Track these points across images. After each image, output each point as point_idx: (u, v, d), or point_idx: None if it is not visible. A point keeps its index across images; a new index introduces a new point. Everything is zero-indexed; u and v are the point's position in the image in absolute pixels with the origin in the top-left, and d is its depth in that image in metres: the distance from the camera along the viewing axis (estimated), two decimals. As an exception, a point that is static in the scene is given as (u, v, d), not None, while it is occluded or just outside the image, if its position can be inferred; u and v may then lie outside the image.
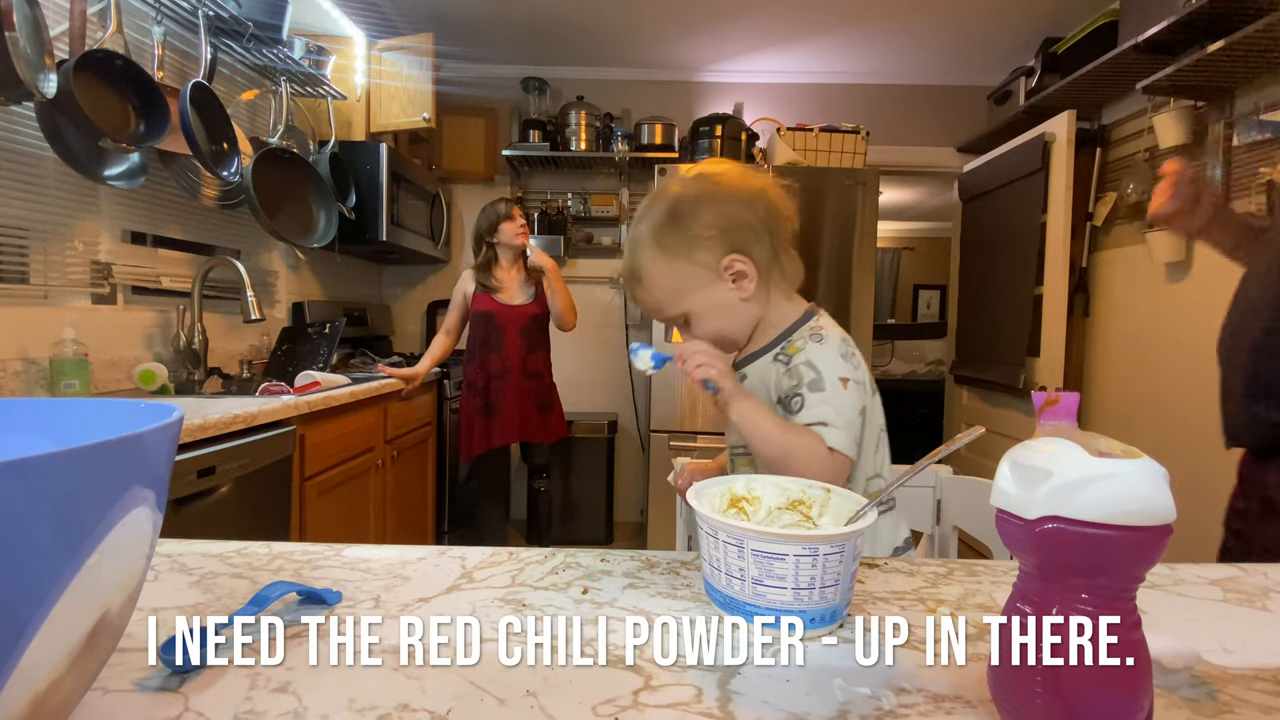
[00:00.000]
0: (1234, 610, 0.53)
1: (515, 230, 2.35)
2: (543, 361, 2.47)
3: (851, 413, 0.73)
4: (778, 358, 0.78)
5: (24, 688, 0.27)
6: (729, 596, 0.49)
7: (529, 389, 2.41)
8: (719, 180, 0.78)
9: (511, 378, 2.37)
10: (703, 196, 0.77)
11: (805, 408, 0.73)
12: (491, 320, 2.38)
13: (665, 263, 0.77)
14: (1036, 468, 0.34)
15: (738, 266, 0.76)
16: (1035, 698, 0.34)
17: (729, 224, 0.76)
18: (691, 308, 0.79)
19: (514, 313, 2.38)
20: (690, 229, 0.76)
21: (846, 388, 0.73)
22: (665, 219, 0.77)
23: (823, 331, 0.78)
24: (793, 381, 0.75)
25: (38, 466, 0.25)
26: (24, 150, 1.54)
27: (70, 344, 1.52)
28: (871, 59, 3.23)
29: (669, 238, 0.77)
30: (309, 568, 0.59)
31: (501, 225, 2.35)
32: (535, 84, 3.28)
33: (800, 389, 0.74)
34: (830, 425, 0.71)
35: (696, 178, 0.79)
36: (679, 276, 0.78)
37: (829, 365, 0.74)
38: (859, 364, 0.77)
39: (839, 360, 0.75)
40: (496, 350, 2.37)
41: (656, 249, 0.77)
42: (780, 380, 0.77)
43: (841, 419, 0.71)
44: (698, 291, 0.78)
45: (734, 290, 0.77)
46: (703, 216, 0.76)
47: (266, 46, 2.01)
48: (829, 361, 0.75)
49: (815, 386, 0.73)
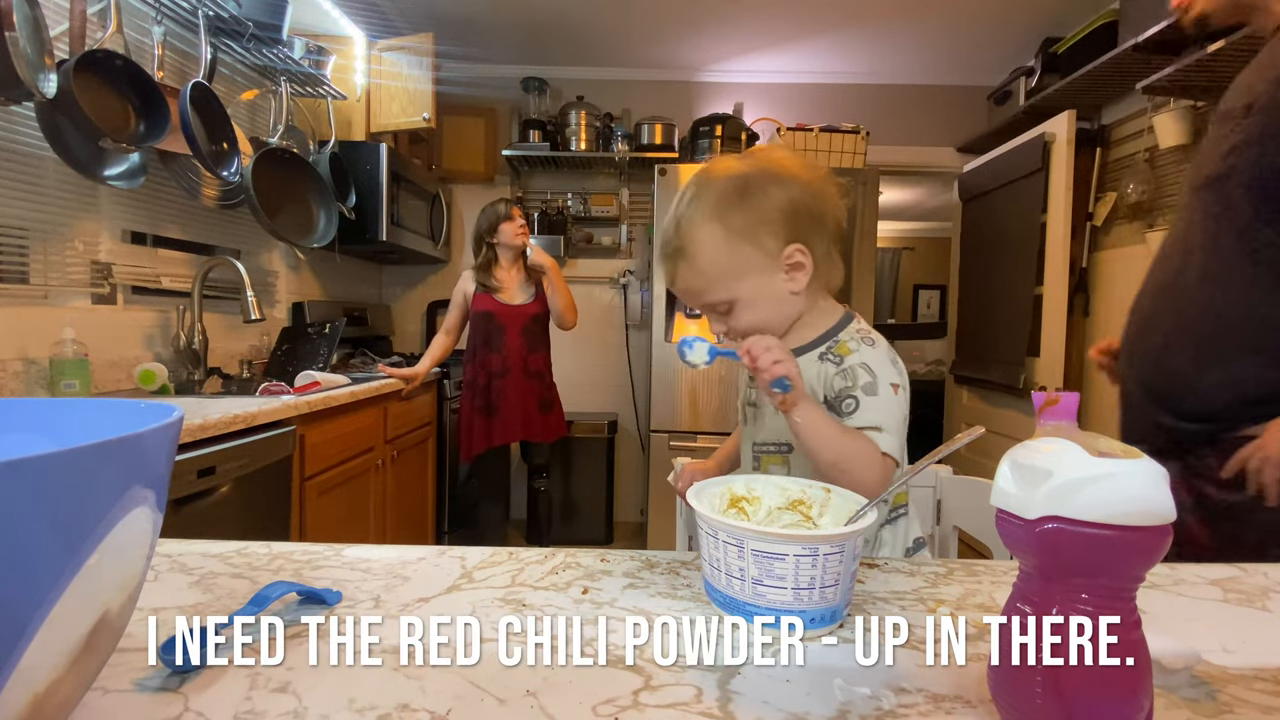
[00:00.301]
0: (1234, 610, 0.53)
1: (515, 230, 2.36)
2: (543, 361, 2.47)
3: (900, 419, 0.72)
4: (825, 357, 0.75)
5: (24, 688, 0.27)
6: (729, 596, 0.49)
7: (530, 388, 2.41)
8: (784, 164, 0.74)
9: (513, 377, 2.37)
10: (772, 177, 0.73)
11: (860, 410, 0.71)
12: (492, 320, 2.38)
13: (726, 242, 0.72)
14: (1036, 468, 0.34)
15: (798, 257, 0.73)
16: (1035, 698, 0.34)
17: (795, 210, 0.72)
18: (741, 294, 0.74)
19: (515, 312, 2.39)
20: (760, 209, 0.72)
21: (896, 394, 0.72)
22: (733, 195, 0.72)
23: (871, 335, 0.76)
24: (846, 383, 0.73)
25: (38, 466, 0.25)
26: (24, 150, 1.54)
27: (70, 344, 1.52)
28: (871, 59, 3.23)
29: (735, 216, 0.72)
30: (309, 568, 0.59)
31: (501, 226, 2.36)
32: (535, 84, 3.28)
33: (854, 391, 0.72)
34: (884, 430, 0.70)
35: (759, 158, 0.75)
36: (737, 258, 0.73)
37: (882, 370, 0.73)
38: (903, 370, 0.75)
39: (890, 365, 0.74)
40: (497, 349, 2.37)
41: (718, 225, 0.72)
42: (832, 380, 0.74)
43: (893, 424, 0.70)
44: (752, 277, 0.73)
45: (787, 282, 0.74)
46: (774, 197, 0.72)
47: (266, 46, 2.01)
48: (882, 366, 0.73)
49: (870, 390, 0.71)
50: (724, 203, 0.72)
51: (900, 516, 0.81)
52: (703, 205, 0.73)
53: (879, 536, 0.79)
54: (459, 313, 2.46)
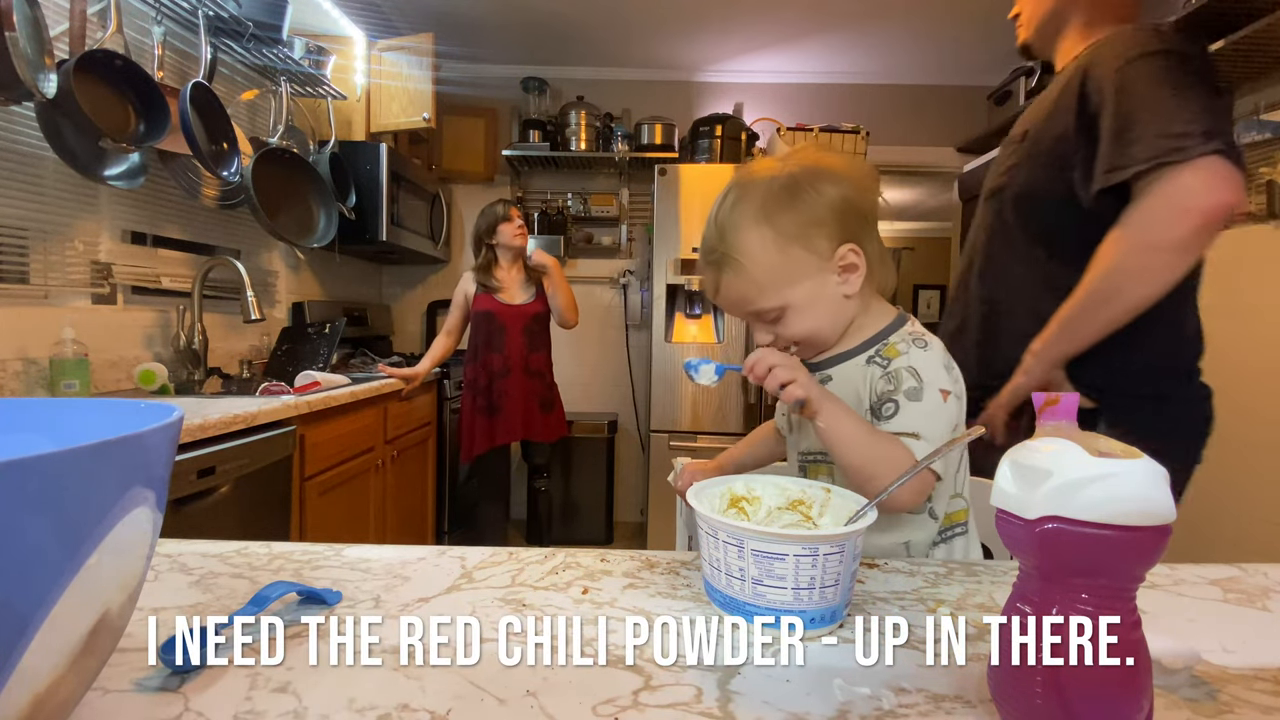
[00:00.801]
0: (1234, 610, 0.53)
1: (514, 231, 2.37)
2: (544, 360, 2.48)
3: (946, 428, 0.67)
4: (873, 360, 0.71)
5: (24, 688, 0.27)
6: (729, 596, 0.49)
7: (532, 387, 2.42)
8: (828, 161, 0.71)
9: (514, 376, 2.38)
10: (820, 174, 0.69)
11: (899, 415, 0.66)
12: (493, 320, 2.38)
13: (776, 247, 0.69)
14: (1036, 468, 0.34)
15: (851, 258, 0.69)
16: (1035, 698, 0.34)
17: (846, 208, 0.69)
18: (793, 300, 0.70)
19: (515, 312, 2.39)
20: (812, 209, 0.68)
21: (946, 401, 0.67)
22: (782, 195, 0.68)
23: (925, 337, 0.71)
24: (889, 386, 0.68)
25: (38, 466, 0.25)
26: (24, 150, 1.54)
27: (70, 344, 1.52)
28: (871, 59, 3.23)
29: (784, 217, 0.68)
30: (309, 568, 0.59)
31: (500, 227, 2.36)
32: (535, 84, 3.28)
33: (896, 395, 0.67)
34: (922, 438, 0.65)
35: (801, 157, 0.71)
36: (790, 263, 0.69)
37: (932, 374, 0.68)
38: (959, 377, 0.71)
39: (942, 370, 0.69)
40: (499, 349, 2.37)
41: (767, 229, 0.68)
42: (876, 384, 0.70)
43: (935, 433, 0.66)
44: (805, 281, 0.70)
45: (840, 284, 0.70)
46: (825, 195, 0.68)
47: (266, 46, 2.01)
48: (932, 370, 0.68)
49: (913, 395, 0.67)
50: (772, 203, 0.69)
51: (957, 535, 0.74)
52: (748, 208, 0.69)
53: (930, 556, 0.73)
54: (460, 314, 2.46)
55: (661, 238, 2.88)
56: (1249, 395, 1.90)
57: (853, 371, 0.72)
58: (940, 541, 0.73)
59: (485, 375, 2.38)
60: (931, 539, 0.73)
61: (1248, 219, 1.91)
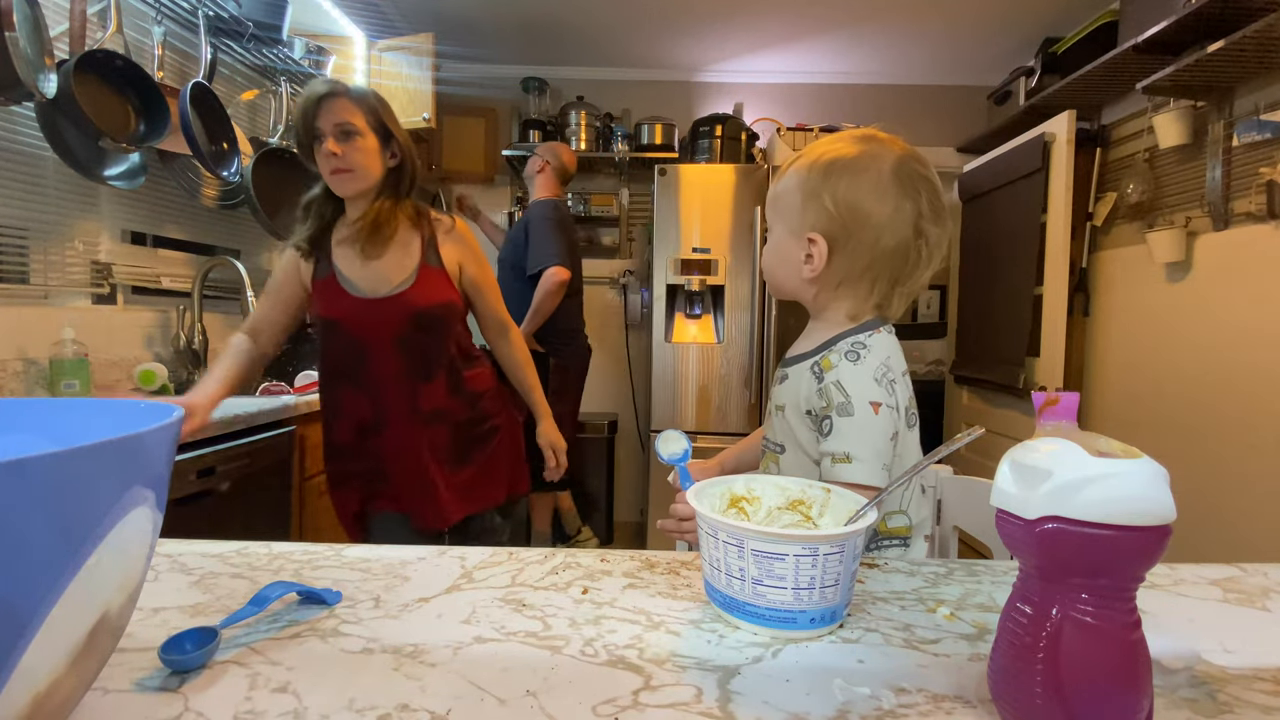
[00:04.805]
0: (1234, 610, 0.53)
1: (330, 167, 1.22)
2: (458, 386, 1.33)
3: (882, 438, 0.69)
4: (813, 369, 0.75)
5: (25, 688, 0.27)
6: (729, 596, 0.49)
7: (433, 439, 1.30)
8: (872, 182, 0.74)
9: (394, 430, 1.29)
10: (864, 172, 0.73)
11: (833, 434, 0.70)
12: (340, 332, 1.27)
13: (794, 185, 0.76)
14: (1036, 468, 0.34)
15: (810, 248, 0.75)
16: (1035, 698, 0.34)
17: (849, 215, 0.73)
18: (772, 229, 0.81)
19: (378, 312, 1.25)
20: (825, 188, 0.74)
21: (878, 413, 0.69)
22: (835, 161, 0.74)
23: (862, 350, 0.73)
24: (822, 403, 0.72)
25: (38, 466, 0.25)
26: (24, 150, 1.54)
27: (70, 344, 1.52)
28: (871, 59, 3.23)
29: (815, 175, 0.75)
30: (309, 568, 0.59)
31: (318, 150, 1.22)
32: (535, 84, 3.28)
33: (829, 411, 0.71)
34: (854, 459, 0.68)
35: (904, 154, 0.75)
36: (786, 205, 0.78)
37: (859, 387, 0.70)
38: (895, 389, 0.72)
39: (871, 383, 0.71)
40: (359, 383, 1.29)
41: (805, 165, 0.76)
42: (811, 397, 0.74)
43: (869, 449, 0.69)
44: (783, 229, 0.78)
45: (803, 263, 0.76)
46: (839, 190, 0.73)
47: (266, 46, 2.01)
48: (860, 383, 0.71)
49: (843, 411, 0.70)
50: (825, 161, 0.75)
51: (893, 546, 0.77)
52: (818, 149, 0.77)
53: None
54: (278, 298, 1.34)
55: (661, 238, 2.88)
56: (1249, 395, 1.90)
57: (800, 375, 0.77)
58: (873, 548, 0.77)
59: (346, 431, 1.32)
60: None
61: (1248, 219, 1.91)
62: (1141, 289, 2.37)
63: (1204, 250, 2.08)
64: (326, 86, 1.24)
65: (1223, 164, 1.97)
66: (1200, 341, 2.09)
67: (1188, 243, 2.12)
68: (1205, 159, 2.03)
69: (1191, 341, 2.12)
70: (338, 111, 1.22)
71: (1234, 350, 1.96)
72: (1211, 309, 2.05)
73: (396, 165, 1.29)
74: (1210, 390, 2.04)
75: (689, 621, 0.49)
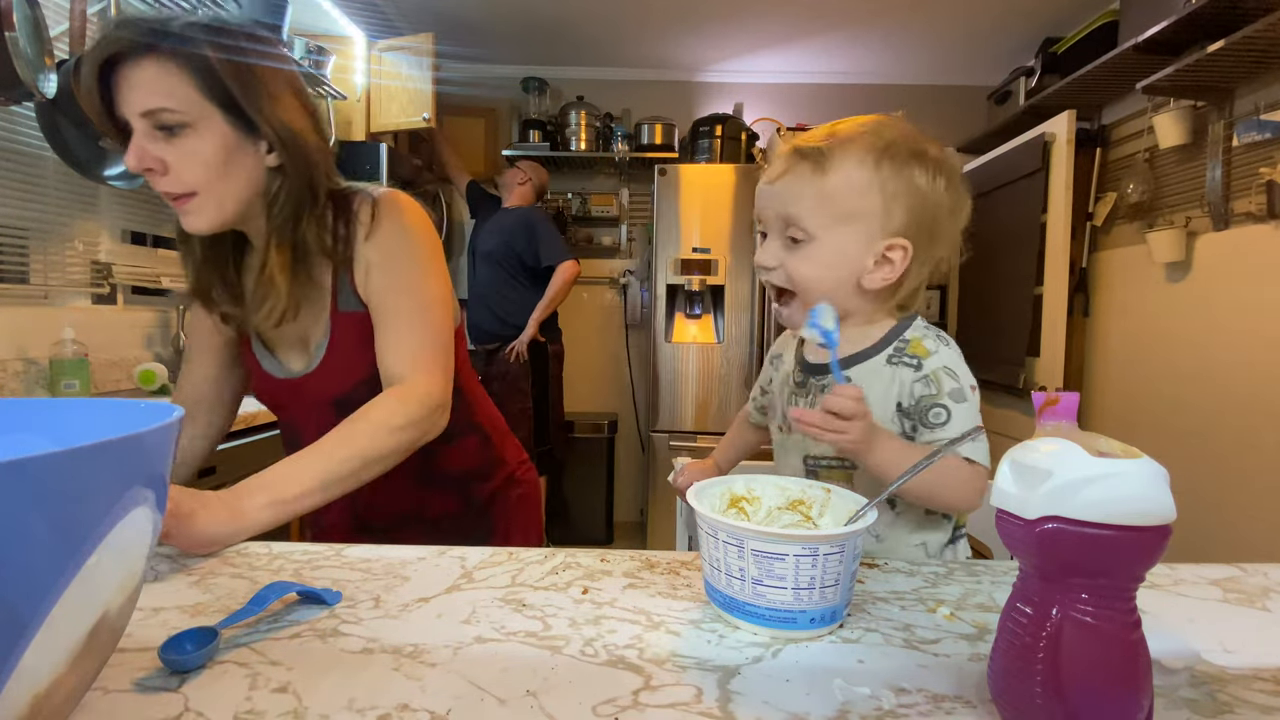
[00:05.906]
0: (1234, 610, 0.53)
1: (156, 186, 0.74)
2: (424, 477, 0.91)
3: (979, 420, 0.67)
4: (896, 360, 0.70)
5: (24, 688, 0.27)
6: (729, 596, 0.49)
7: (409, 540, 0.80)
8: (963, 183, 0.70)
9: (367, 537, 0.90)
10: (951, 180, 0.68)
11: (952, 421, 0.66)
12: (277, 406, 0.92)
13: (864, 183, 0.66)
14: (1036, 468, 0.34)
15: (895, 255, 0.67)
16: (1035, 698, 0.34)
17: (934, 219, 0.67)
18: (826, 239, 0.67)
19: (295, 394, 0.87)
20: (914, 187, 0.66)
21: (975, 394, 0.68)
22: (909, 153, 0.66)
23: (942, 334, 0.71)
24: (930, 390, 0.67)
25: (38, 466, 0.25)
26: (24, 150, 1.54)
27: (70, 344, 1.52)
28: (871, 59, 3.23)
29: (892, 169, 0.66)
30: (309, 568, 0.59)
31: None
32: (535, 84, 3.28)
33: (941, 399, 0.66)
34: (979, 440, 0.64)
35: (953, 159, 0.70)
36: (856, 205, 0.66)
37: (963, 370, 0.68)
38: None
39: (965, 366, 0.69)
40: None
41: (872, 161, 0.65)
42: (911, 387, 0.68)
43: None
44: (847, 234, 0.67)
45: (868, 270, 0.68)
46: (933, 191, 0.67)
47: (266, 46, 2.01)
48: (962, 366, 0.68)
49: (958, 396, 0.66)
50: (898, 149, 0.66)
51: (961, 537, 0.75)
52: (879, 137, 0.66)
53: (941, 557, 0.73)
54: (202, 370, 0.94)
55: (661, 238, 2.88)
56: (1249, 395, 1.90)
57: (877, 370, 0.70)
58: (950, 543, 0.74)
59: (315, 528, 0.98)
60: (945, 540, 0.73)
61: (1248, 219, 1.91)
62: (1142, 289, 2.37)
63: (1204, 250, 2.08)
64: (122, 34, 0.67)
65: (1223, 164, 1.97)
66: (1200, 341, 2.08)
67: (1188, 243, 2.12)
68: (1205, 159, 2.03)
69: (1191, 341, 2.12)
70: (145, 86, 0.68)
71: (1234, 350, 1.96)
72: (1211, 309, 2.04)
73: (278, 166, 0.80)
74: (1210, 390, 2.04)
75: (689, 621, 0.49)
